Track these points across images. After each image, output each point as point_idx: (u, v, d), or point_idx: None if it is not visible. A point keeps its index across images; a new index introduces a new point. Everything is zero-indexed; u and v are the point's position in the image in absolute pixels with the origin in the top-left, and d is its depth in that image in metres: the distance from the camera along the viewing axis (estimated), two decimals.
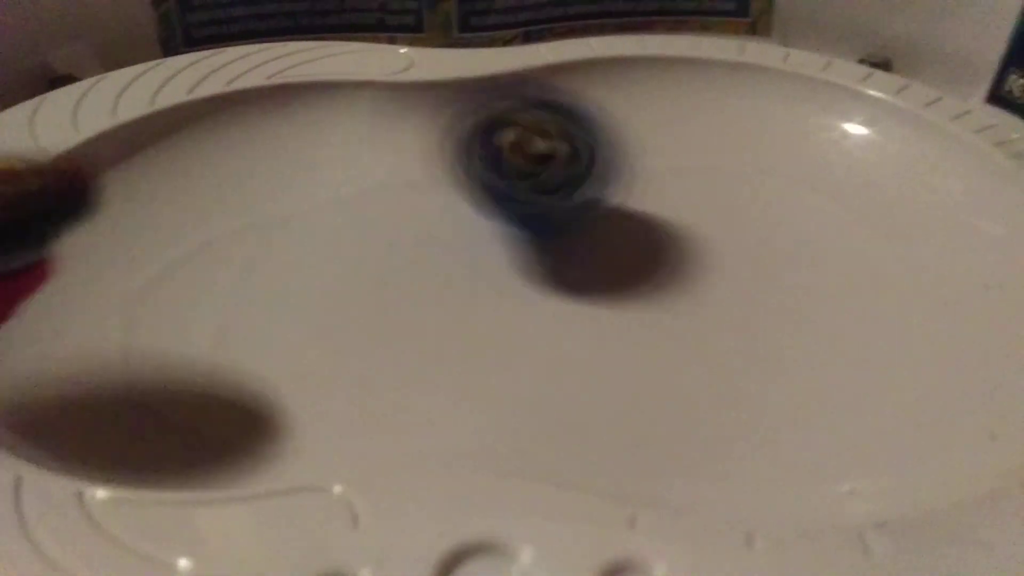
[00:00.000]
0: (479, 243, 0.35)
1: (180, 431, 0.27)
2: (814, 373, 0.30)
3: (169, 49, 0.46)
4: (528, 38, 0.48)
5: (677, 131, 0.40)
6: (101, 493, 0.22)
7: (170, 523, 0.22)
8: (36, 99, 0.36)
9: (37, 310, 0.30)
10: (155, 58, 0.41)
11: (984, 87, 0.42)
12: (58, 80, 0.42)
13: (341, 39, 0.46)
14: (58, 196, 0.26)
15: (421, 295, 0.33)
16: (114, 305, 0.31)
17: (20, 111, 0.35)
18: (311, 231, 0.35)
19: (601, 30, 0.49)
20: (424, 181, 0.38)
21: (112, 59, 0.43)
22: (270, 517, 0.22)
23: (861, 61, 0.45)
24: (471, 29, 0.48)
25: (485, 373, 0.30)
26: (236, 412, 0.28)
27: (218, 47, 0.42)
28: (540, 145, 0.32)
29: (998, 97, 0.41)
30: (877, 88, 0.39)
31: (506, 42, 0.48)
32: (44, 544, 0.21)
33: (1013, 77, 0.41)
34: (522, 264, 0.34)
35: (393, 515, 0.22)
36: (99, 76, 0.38)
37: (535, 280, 0.33)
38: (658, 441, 0.28)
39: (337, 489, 0.22)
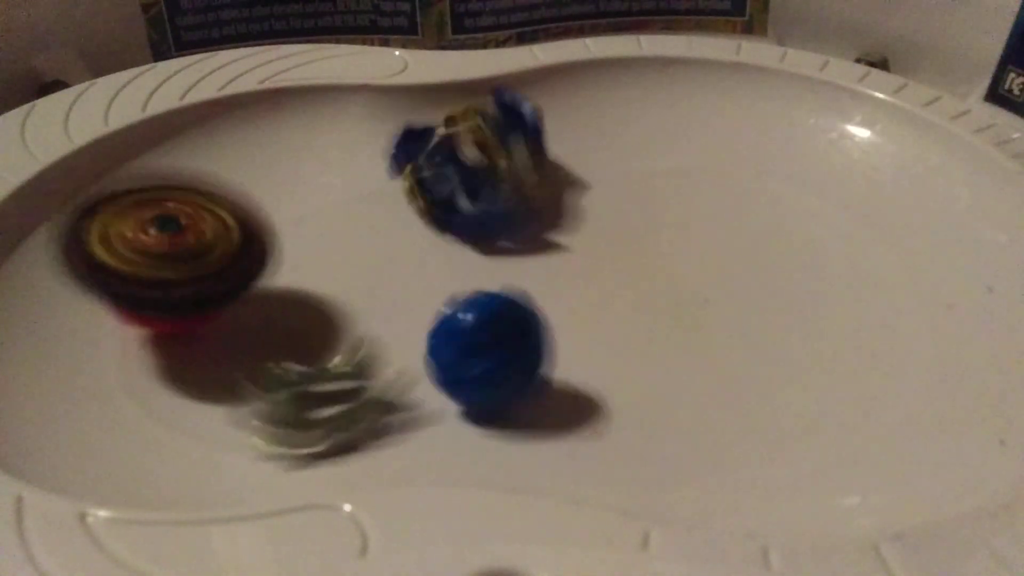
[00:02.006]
0: (478, 247, 0.35)
1: (180, 445, 0.27)
2: (815, 379, 0.30)
3: (159, 53, 0.45)
4: (522, 39, 0.48)
5: (673, 132, 0.40)
6: (104, 513, 0.22)
7: (175, 543, 0.21)
8: (26, 106, 0.36)
9: (32, 323, 0.30)
10: (145, 62, 0.40)
11: (982, 86, 0.42)
12: (47, 86, 0.42)
13: (334, 41, 0.46)
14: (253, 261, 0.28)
15: (419, 299, 0.33)
16: (110, 316, 0.30)
17: (10, 119, 0.35)
18: (306, 236, 0.35)
19: (595, 30, 0.49)
20: None
21: (101, 64, 0.42)
22: (278, 537, 0.21)
23: (857, 60, 0.45)
24: (465, 30, 0.47)
25: None
26: (236, 424, 0.28)
27: (209, 51, 0.42)
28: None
29: (997, 96, 0.41)
30: (875, 88, 0.39)
31: (500, 43, 0.48)
32: (46, 566, 0.21)
33: (1012, 75, 0.41)
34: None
35: (404, 538, 0.21)
36: (89, 82, 0.37)
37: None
38: (665, 452, 0.27)
39: (347, 508, 0.22)
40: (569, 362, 0.30)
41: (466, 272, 0.34)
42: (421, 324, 0.32)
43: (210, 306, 0.28)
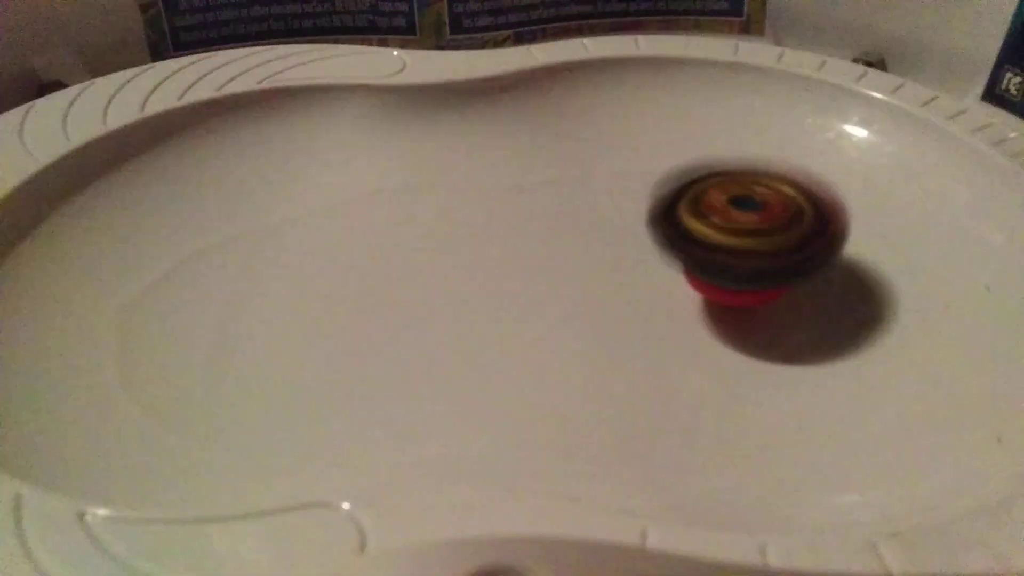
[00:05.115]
0: (475, 247, 0.35)
1: (179, 444, 0.27)
2: (812, 377, 0.30)
3: (157, 53, 0.45)
4: (520, 39, 0.48)
5: (671, 132, 0.40)
6: (103, 512, 0.22)
7: (174, 542, 0.21)
8: (24, 106, 0.35)
9: (31, 323, 0.30)
10: (143, 63, 0.40)
11: (979, 85, 0.42)
12: (45, 87, 0.42)
13: (332, 41, 0.46)
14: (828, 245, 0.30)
15: (417, 300, 0.33)
16: (109, 316, 0.30)
17: (8, 119, 0.35)
18: (305, 237, 0.35)
19: (593, 30, 0.49)
20: (418, 185, 0.38)
21: (100, 64, 0.42)
22: (277, 535, 0.21)
23: (855, 60, 0.45)
24: (463, 31, 0.48)
25: (485, 380, 0.30)
26: (236, 422, 0.28)
27: (207, 51, 0.42)
28: None
29: (994, 95, 0.41)
30: (873, 87, 0.39)
31: (498, 43, 0.48)
32: (45, 564, 0.21)
33: (1009, 75, 0.41)
34: None
35: (402, 535, 0.21)
36: (87, 82, 0.37)
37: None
38: (662, 449, 0.27)
39: (345, 506, 0.22)
40: (567, 361, 0.30)
41: (465, 272, 0.34)
42: (420, 325, 0.32)
43: (785, 281, 0.30)
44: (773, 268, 0.29)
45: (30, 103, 0.36)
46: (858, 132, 0.39)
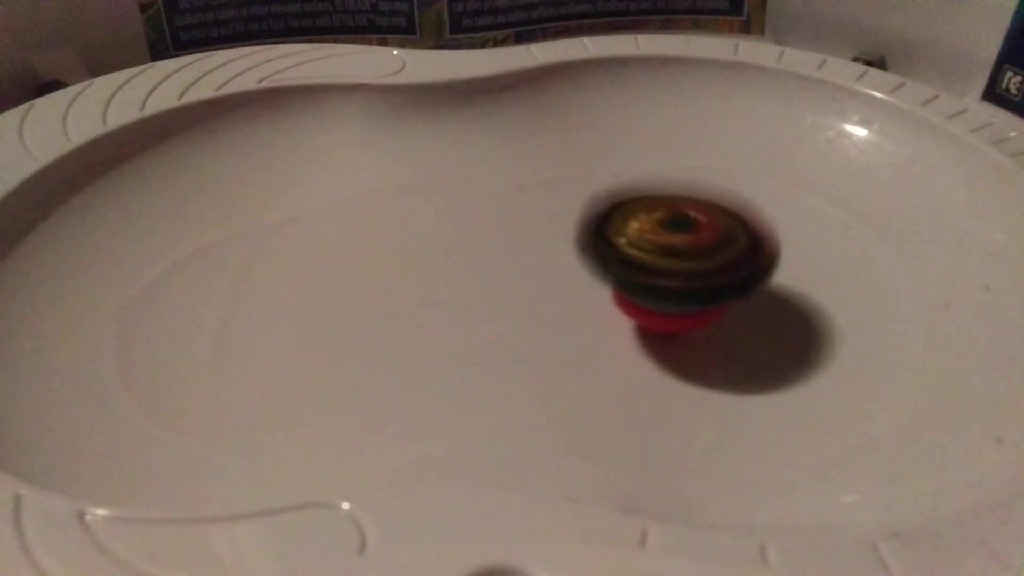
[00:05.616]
0: (475, 247, 0.35)
1: (179, 444, 0.27)
2: (812, 377, 0.30)
3: (157, 53, 0.45)
4: (520, 38, 0.48)
5: (671, 132, 0.40)
6: (102, 512, 0.22)
7: (173, 542, 0.21)
8: (24, 106, 0.35)
9: (31, 323, 0.30)
10: (143, 62, 0.40)
11: (979, 85, 0.42)
12: (45, 86, 0.42)
13: (331, 41, 0.46)
14: (757, 270, 0.29)
15: (417, 300, 0.33)
16: (108, 316, 0.30)
17: (8, 119, 0.35)
18: (305, 237, 0.35)
19: (593, 29, 0.49)
20: (418, 184, 0.38)
21: (99, 63, 0.42)
22: (277, 535, 0.21)
23: (855, 59, 0.45)
24: (463, 30, 0.48)
25: (483, 380, 0.30)
26: (235, 422, 0.28)
27: (207, 50, 0.42)
28: None
29: (994, 95, 0.41)
30: (873, 87, 0.39)
31: (498, 43, 0.48)
32: (44, 564, 0.21)
33: (1009, 74, 0.41)
34: None
35: (403, 536, 0.21)
36: (87, 82, 0.37)
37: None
38: (659, 450, 0.27)
39: (345, 506, 0.22)
40: (567, 360, 0.30)
41: (465, 272, 0.34)
42: (420, 324, 0.32)
43: (719, 300, 0.29)
44: (703, 289, 0.28)
45: (30, 103, 0.36)
46: (858, 131, 0.38)
